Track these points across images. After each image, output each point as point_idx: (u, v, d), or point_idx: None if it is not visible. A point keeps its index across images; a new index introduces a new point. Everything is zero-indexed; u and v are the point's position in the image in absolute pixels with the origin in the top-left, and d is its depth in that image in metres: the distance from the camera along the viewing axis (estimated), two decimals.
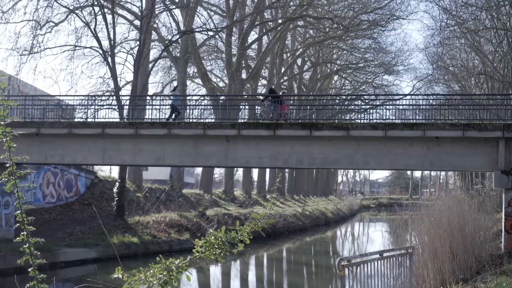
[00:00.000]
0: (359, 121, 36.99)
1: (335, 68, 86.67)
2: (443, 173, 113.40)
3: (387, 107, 36.85)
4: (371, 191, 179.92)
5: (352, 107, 54.64)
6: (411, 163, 31.59)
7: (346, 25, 64.03)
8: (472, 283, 17.38)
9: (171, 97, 35.84)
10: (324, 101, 46.02)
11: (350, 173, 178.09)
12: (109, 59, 43.01)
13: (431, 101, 42.27)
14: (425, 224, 21.47)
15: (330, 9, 67.74)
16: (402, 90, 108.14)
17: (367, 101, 57.12)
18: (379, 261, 13.22)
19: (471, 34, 59.21)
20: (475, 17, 54.74)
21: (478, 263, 20.74)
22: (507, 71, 66.01)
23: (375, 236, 49.81)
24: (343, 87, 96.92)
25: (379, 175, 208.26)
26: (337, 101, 53.96)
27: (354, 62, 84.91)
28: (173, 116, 34.08)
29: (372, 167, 38.52)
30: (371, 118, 36.26)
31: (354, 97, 72.68)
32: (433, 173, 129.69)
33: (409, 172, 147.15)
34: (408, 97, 51.07)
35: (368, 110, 44.30)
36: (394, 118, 33.43)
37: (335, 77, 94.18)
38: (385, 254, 13.79)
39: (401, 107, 34.40)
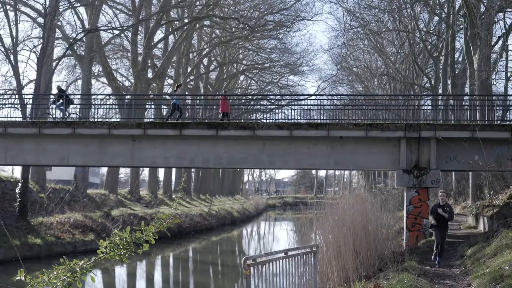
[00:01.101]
0: (265, 121, 37.20)
1: (241, 68, 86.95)
2: (347, 172, 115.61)
3: (293, 107, 37.30)
4: (277, 190, 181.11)
5: (258, 107, 55.01)
6: (316, 163, 31.98)
7: (252, 26, 64.35)
8: (375, 280, 17.70)
9: (174, 96, 35.16)
10: (230, 101, 46.09)
11: (256, 173, 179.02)
12: (12, 57, 42.05)
13: (335, 101, 42.99)
14: (329, 223, 21.76)
15: (236, 9, 67.97)
16: (307, 90, 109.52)
17: (272, 101, 57.54)
18: (284, 260, 13.32)
19: (374, 36, 60.50)
20: (378, 19, 55.98)
21: (380, 260, 21.15)
22: (408, 72, 67.80)
23: (280, 235, 50.23)
24: (249, 87, 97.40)
25: (285, 174, 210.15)
26: (243, 101, 54.13)
27: (260, 62, 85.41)
28: (177, 116, 33.61)
29: (278, 167, 38.76)
30: (276, 118, 36.64)
31: (260, 97, 73.16)
32: (337, 172, 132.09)
33: (314, 171, 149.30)
34: (313, 97, 51.81)
35: (274, 110, 44.70)
36: (299, 118, 33.82)
37: (241, 77, 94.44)
38: (290, 253, 13.91)
39: (306, 107, 34.83)
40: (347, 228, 20.64)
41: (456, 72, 52.05)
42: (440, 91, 54.82)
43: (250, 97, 76.20)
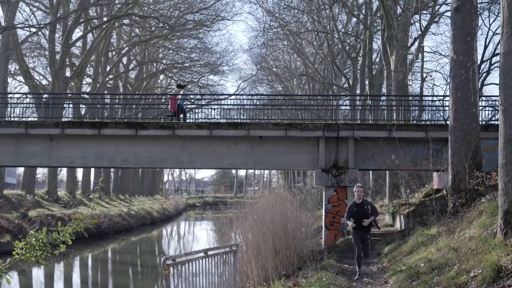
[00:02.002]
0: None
1: (161, 67, 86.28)
2: (266, 171, 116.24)
3: (213, 106, 37.26)
4: (197, 190, 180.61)
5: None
6: (236, 162, 32.07)
7: (172, 25, 63.98)
8: (294, 278, 17.86)
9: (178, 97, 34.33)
10: (150, 100, 45.79)
11: (176, 172, 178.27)
12: None
13: (255, 101, 43.15)
14: (249, 222, 21.85)
15: (156, 8, 67.45)
16: (227, 90, 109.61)
17: (192, 100, 57.36)
18: (204, 259, 13.32)
19: (294, 36, 60.92)
20: (297, 19, 56.44)
21: (300, 259, 21.34)
22: (327, 73, 68.61)
23: (200, 235, 50.09)
24: (169, 86, 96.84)
25: (205, 174, 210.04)
26: (163, 100, 53.79)
27: (180, 61, 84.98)
28: (181, 116, 32.92)
29: (198, 166, 38.72)
30: (196, 117, 36.52)
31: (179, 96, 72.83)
32: (257, 171, 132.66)
33: (234, 171, 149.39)
34: (233, 97, 51.95)
35: (194, 109, 44.61)
36: (219, 117, 33.84)
37: (161, 76, 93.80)
38: (210, 252, 13.92)
39: (226, 106, 34.85)
40: (266, 227, 20.75)
41: (374, 73, 52.90)
42: (358, 91, 55.71)
43: (169, 96, 75.77)
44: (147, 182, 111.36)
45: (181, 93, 33.95)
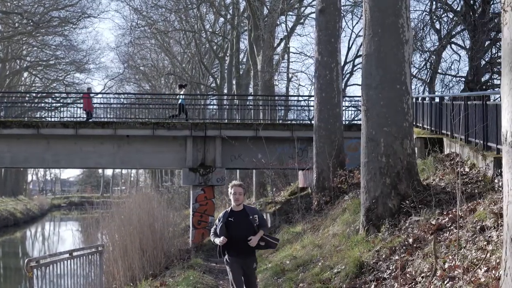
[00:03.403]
0: (49, 119, 36.15)
1: (24, 65, 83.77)
2: (134, 171, 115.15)
3: (79, 105, 36.58)
4: (63, 190, 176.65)
5: (42, 105, 53.37)
6: (102, 162, 31.65)
7: (37, 21, 62.35)
8: (161, 278, 17.81)
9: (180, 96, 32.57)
10: (13, 98, 44.40)
11: (40, 172, 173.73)
12: None
13: (122, 99, 42.69)
14: (116, 222, 21.62)
15: (20, 3, 65.50)
16: (94, 88, 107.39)
17: (58, 99, 56.04)
18: (69, 260, 13.09)
19: (161, 35, 60.64)
20: (164, 18, 56.12)
21: (167, 259, 21.31)
22: (195, 72, 68.66)
23: (66, 235, 49.04)
24: (33, 85, 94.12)
25: (71, 173, 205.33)
26: (26, 98, 52.31)
27: (45, 59, 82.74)
28: (183, 116, 31.48)
29: (63, 166, 37.96)
30: (62, 116, 35.76)
31: (44, 94, 71.02)
32: (124, 171, 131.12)
33: (100, 171, 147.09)
34: (100, 95, 51.07)
35: (59, 108, 43.60)
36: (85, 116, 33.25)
37: (25, 74, 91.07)
38: (75, 253, 13.69)
39: (92, 105, 34.28)
40: (133, 227, 20.60)
41: (241, 73, 53.36)
42: (225, 91, 56.03)
43: (34, 94, 73.73)
44: (10, 182, 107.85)
45: (181, 92, 33.34)
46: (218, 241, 10.16)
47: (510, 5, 5.65)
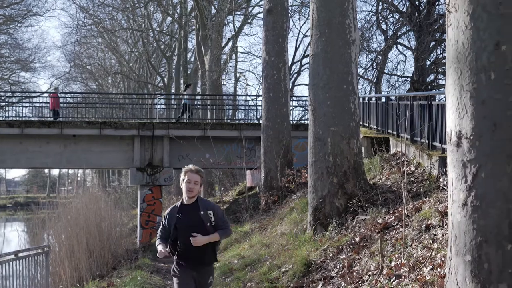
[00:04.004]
0: None
1: None
2: (81, 171, 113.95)
3: (24, 104, 36.09)
4: (8, 190, 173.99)
5: None
6: (49, 161, 31.25)
7: None
8: (109, 278, 17.67)
9: (184, 96, 31.71)
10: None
11: None
12: None
13: (68, 99, 42.23)
14: (63, 223, 21.40)
15: None
16: (40, 87, 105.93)
17: (3, 98, 55.20)
18: (14, 261, 12.92)
19: (108, 34, 60.15)
20: (112, 17, 55.66)
21: (114, 259, 21.15)
22: (142, 71, 68.31)
23: (11, 236, 48.28)
24: None
25: (16, 173, 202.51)
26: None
27: None
28: (185, 116, 31.40)
29: (8, 166, 37.37)
30: (7, 115, 35.23)
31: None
32: (71, 171, 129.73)
33: (46, 171, 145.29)
34: (45, 95, 50.46)
35: (4, 107, 42.91)
36: (31, 115, 32.86)
37: None
38: (20, 254, 13.52)
39: (38, 104, 33.93)
40: (80, 228, 20.40)
41: (189, 72, 53.25)
42: (173, 90, 55.84)
43: None
44: None
45: (185, 92, 32.89)
46: (158, 251, 7.74)
47: (455, 6, 5.74)
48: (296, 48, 56.06)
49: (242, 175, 36.12)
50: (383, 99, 21.99)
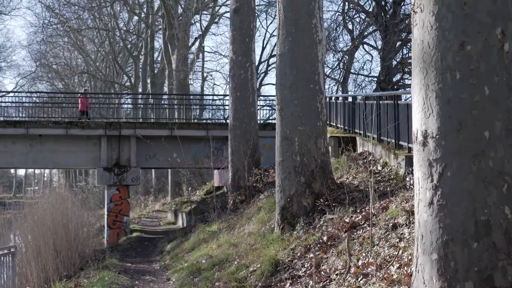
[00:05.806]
0: None
1: None
2: (47, 171, 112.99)
3: None
4: None
5: None
6: (14, 161, 31.00)
7: None
8: (76, 279, 17.55)
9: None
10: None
11: None
12: None
13: (34, 98, 41.86)
14: (29, 223, 21.22)
15: None
16: (5, 87, 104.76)
17: None
18: None
19: (74, 33, 59.71)
20: (78, 16, 55.30)
21: (82, 259, 21.00)
22: (109, 71, 67.95)
23: None
24: None
25: None
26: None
27: None
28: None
29: None
30: None
31: None
32: (37, 171, 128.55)
33: (12, 171, 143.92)
34: (11, 94, 50.03)
35: None
36: None
37: None
38: None
39: (3, 104, 33.63)
40: (47, 228, 20.23)
41: (156, 72, 53.12)
42: (140, 90, 55.64)
43: None
44: None
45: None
46: None
47: (420, 7, 5.80)
48: (263, 48, 56.25)
49: (210, 175, 36.06)
50: (350, 99, 22.12)
